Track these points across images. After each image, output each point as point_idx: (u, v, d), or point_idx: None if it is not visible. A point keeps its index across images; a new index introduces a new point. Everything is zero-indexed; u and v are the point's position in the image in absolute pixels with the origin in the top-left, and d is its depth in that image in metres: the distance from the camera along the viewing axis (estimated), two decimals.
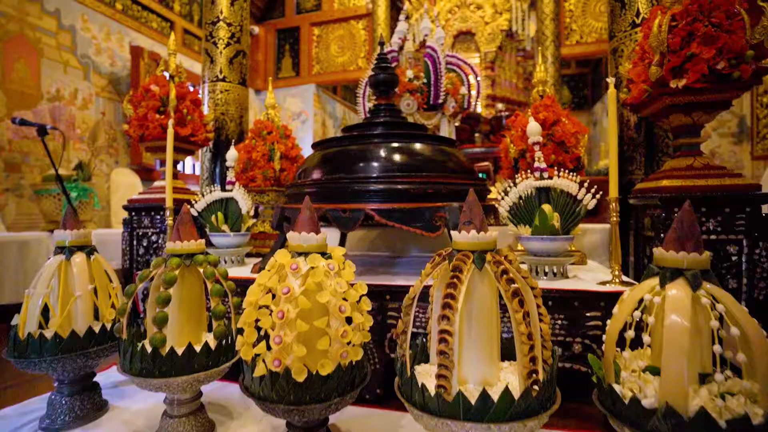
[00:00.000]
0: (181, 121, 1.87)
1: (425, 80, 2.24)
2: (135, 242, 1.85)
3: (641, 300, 0.67)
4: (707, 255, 0.66)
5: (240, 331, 0.76)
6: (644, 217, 1.33)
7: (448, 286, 0.69)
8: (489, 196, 2.13)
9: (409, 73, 2.21)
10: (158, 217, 1.84)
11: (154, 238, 1.83)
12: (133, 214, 1.87)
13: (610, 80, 1.12)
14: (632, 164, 1.61)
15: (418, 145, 1.35)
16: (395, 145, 1.32)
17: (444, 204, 1.23)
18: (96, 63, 3.60)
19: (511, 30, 5.52)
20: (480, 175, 2.15)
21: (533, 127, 1.27)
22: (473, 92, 2.39)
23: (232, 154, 1.65)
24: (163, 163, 1.96)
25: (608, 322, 0.71)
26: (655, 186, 1.23)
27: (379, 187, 1.23)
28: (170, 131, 1.55)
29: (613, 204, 1.10)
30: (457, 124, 2.70)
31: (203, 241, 1.01)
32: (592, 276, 1.23)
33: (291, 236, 0.86)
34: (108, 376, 1.29)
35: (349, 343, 0.76)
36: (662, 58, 1.17)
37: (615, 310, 0.72)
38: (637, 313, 0.69)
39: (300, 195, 1.39)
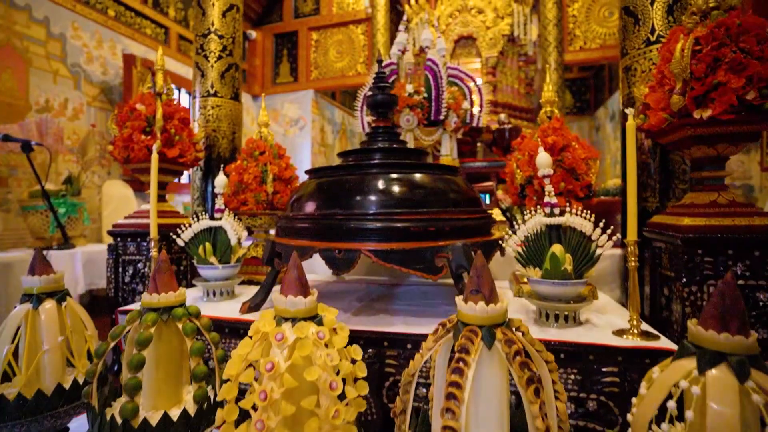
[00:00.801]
0: (169, 141, 1.77)
1: (426, 95, 2.14)
2: (120, 270, 1.75)
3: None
4: (755, 338, 0.56)
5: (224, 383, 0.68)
6: (662, 254, 1.24)
7: (453, 372, 0.59)
8: (495, 217, 2.04)
9: (409, 88, 2.11)
10: (145, 243, 1.75)
11: (140, 266, 1.73)
12: (119, 240, 1.77)
13: (630, 111, 1.02)
14: (646, 191, 1.52)
15: (418, 176, 1.26)
16: (394, 176, 1.22)
17: (446, 243, 1.14)
18: (87, 72, 3.50)
19: (512, 34, 5.42)
20: (483, 196, 2.05)
21: (543, 159, 1.18)
22: (476, 107, 2.29)
23: (220, 180, 1.55)
24: None
25: (633, 401, 0.61)
26: (675, 223, 1.13)
27: (377, 225, 1.13)
28: (154, 157, 1.45)
29: (632, 247, 1.01)
30: (459, 136, 2.60)
31: (183, 291, 0.92)
32: (606, 320, 1.14)
33: (276, 299, 0.76)
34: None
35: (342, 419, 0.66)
36: (685, 86, 1.07)
37: (642, 390, 0.62)
38: (671, 403, 0.59)
39: (292, 230, 1.29)
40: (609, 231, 1.08)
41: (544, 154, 1.18)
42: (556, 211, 1.17)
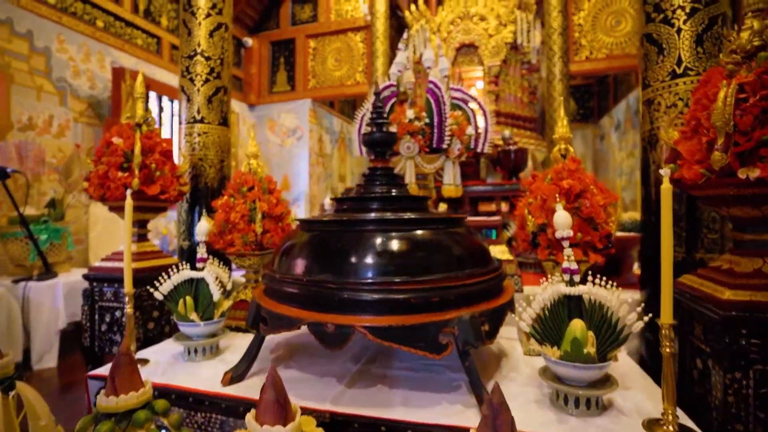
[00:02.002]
0: (149, 178, 1.63)
1: (427, 120, 2.00)
2: (97, 317, 1.61)
3: None
4: None
5: None
6: (694, 321, 1.10)
7: None
8: (498, 256, 1.90)
9: (410, 114, 1.97)
10: (123, 289, 1.60)
11: (118, 314, 1.59)
12: (95, 284, 1.63)
13: (664, 171, 0.88)
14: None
15: (420, 233, 1.11)
16: (393, 235, 1.08)
17: (452, 315, 1.00)
18: (74, 86, 3.36)
19: (515, 42, 5.27)
20: (489, 233, 1.91)
21: (562, 220, 1.04)
22: (481, 133, 2.15)
23: (202, 228, 1.41)
24: None
25: None
26: (713, 294, 0.99)
27: (374, 296, 0.99)
28: (128, 203, 1.31)
29: (666, 330, 0.86)
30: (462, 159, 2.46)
31: (149, 388, 0.78)
32: (632, 402, 0.99)
33: (251, 426, 0.63)
34: None
35: None
36: (728, 141, 0.93)
37: None
38: None
39: (278, 293, 1.15)
40: (639, 308, 0.94)
41: (563, 213, 1.05)
42: (576, 278, 1.03)
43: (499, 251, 1.87)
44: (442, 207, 2.19)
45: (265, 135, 5.53)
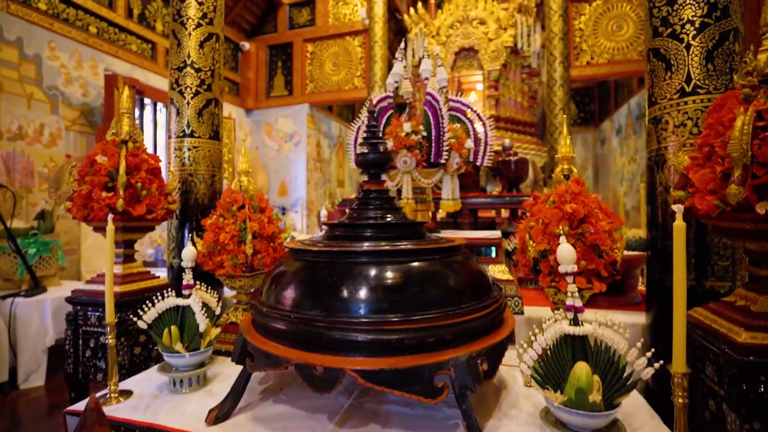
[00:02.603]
0: (134, 197, 1.57)
1: (425, 133, 1.93)
2: (81, 342, 1.55)
3: None
4: None
5: None
6: (705, 358, 1.03)
7: None
8: (498, 276, 1.83)
9: (407, 127, 1.90)
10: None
11: (103, 339, 1.53)
12: (78, 308, 1.56)
13: (678, 209, 0.82)
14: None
15: (415, 266, 1.05)
16: (387, 269, 1.02)
17: (448, 357, 0.93)
18: (66, 94, 3.30)
19: (515, 46, 5.21)
20: (488, 250, 1.85)
21: (566, 254, 0.97)
22: (481, 145, 2.08)
23: (188, 253, 1.35)
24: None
25: None
26: (727, 335, 0.93)
27: (365, 337, 0.93)
28: (110, 229, 1.25)
29: (679, 379, 0.80)
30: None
31: None
32: None
33: None
34: None
35: None
36: (745, 173, 0.86)
37: None
38: None
39: (265, 328, 1.08)
40: (649, 354, 0.87)
41: (566, 247, 0.98)
42: (581, 316, 0.96)
43: (498, 271, 1.81)
44: (442, 213, 2.12)
45: (262, 140, 5.47)
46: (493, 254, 1.85)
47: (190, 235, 1.95)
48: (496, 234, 1.88)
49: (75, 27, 3.43)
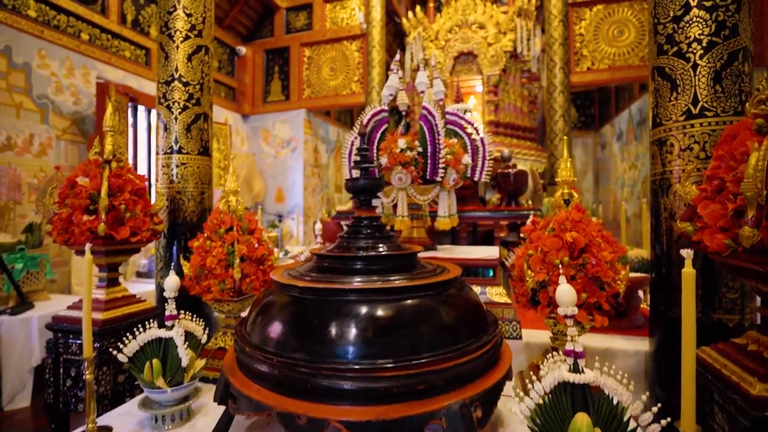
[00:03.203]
0: (118, 220, 1.51)
1: (420, 149, 1.87)
2: (62, 371, 1.49)
3: None
4: None
5: None
6: (715, 404, 0.97)
7: None
8: (495, 299, 1.77)
9: (401, 143, 1.84)
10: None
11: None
12: (59, 335, 1.50)
13: (687, 255, 0.75)
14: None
15: (408, 303, 0.98)
16: (377, 309, 0.95)
17: (440, 405, 0.87)
18: (56, 103, 3.23)
19: (515, 50, 5.14)
20: (486, 272, 1.78)
21: (565, 296, 0.91)
22: (479, 160, 2.02)
23: (170, 283, 1.28)
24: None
25: None
26: (739, 385, 0.86)
27: (353, 385, 0.87)
28: (88, 258, 1.19)
29: None
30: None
31: None
32: None
33: None
34: None
35: None
36: (760, 214, 0.80)
37: None
38: None
39: (248, 368, 1.02)
40: (655, 409, 0.81)
41: (566, 288, 0.92)
42: (581, 362, 0.90)
43: (496, 293, 1.74)
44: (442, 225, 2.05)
45: (259, 146, 5.41)
46: (491, 274, 1.79)
47: (177, 256, 1.89)
48: (494, 255, 1.81)
49: (66, 34, 3.36)
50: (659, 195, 1.32)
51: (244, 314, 1.75)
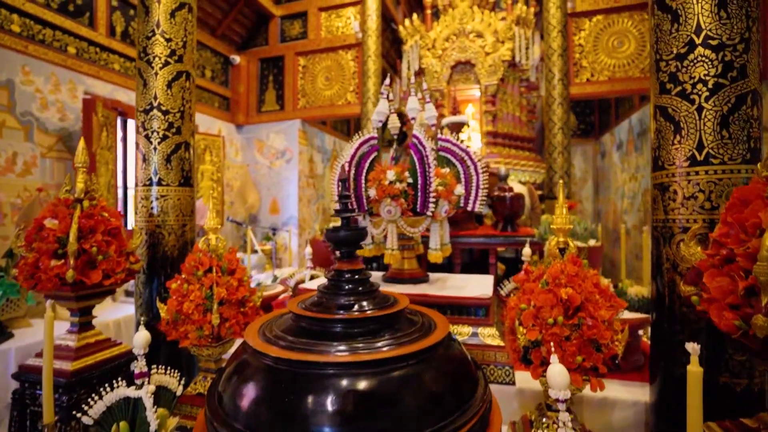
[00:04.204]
0: (89, 264, 1.42)
1: (410, 180, 1.79)
2: (28, 424, 1.41)
3: None
4: None
5: None
6: None
7: None
8: (488, 342, 1.68)
9: (390, 175, 1.76)
10: (57, 394, 1.40)
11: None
12: (26, 385, 1.42)
13: (692, 349, 0.67)
14: (685, 355, 1.16)
15: (394, 376, 0.90)
16: (359, 382, 0.87)
17: None
18: (41, 120, 3.15)
19: (514, 59, 5.05)
20: (479, 311, 1.70)
21: (558, 378, 0.83)
22: (472, 189, 1.93)
23: (139, 340, 1.20)
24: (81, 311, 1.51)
25: None
26: None
27: None
28: (49, 317, 1.11)
29: None
30: None
31: None
32: None
33: None
34: None
35: None
36: None
37: None
38: None
39: None
40: None
41: (559, 369, 0.84)
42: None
43: (488, 335, 1.66)
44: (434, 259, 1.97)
45: (253, 156, 5.32)
46: (483, 314, 1.71)
47: (157, 292, 1.80)
48: (487, 291, 1.73)
49: (52, 48, 3.28)
50: (661, 243, 1.23)
51: (226, 355, 1.68)
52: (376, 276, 2.15)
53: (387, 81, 2.02)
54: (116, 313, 2.78)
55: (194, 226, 1.91)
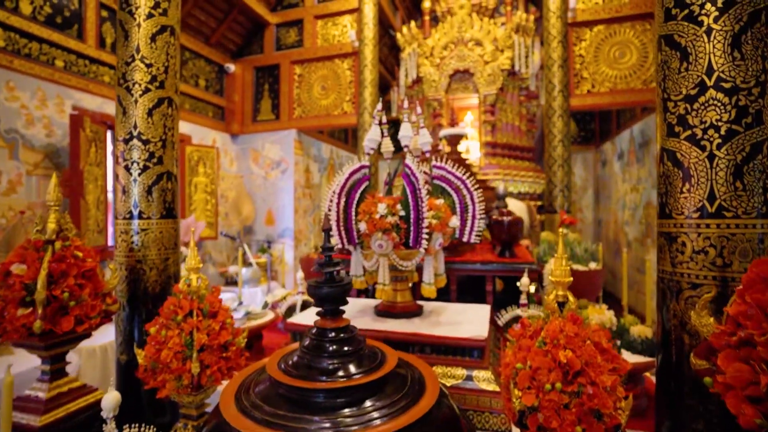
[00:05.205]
0: (60, 310, 1.34)
1: (403, 213, 1.70)
2: None
3: None
4: None
5: None
6: None
7: None
8: (483, 387, 1.60)
9: (381, 209, 1.67)
10: None
11: None
12: None
13: None
14: (696, 421, 1.08)
15: None
16: None
17: None
18: (27, 137, 3.07)
19: (513, 68, 4.97)
20: (474, 352, 1.61)
21: None
22: (468, 220, 1.85)
23: (108, 402, 1.12)
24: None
25: None
26: None
27: None
28: (6, 386, 1.03)
29: None
30: None
31: None
32: None
33: None
34: None
35: None
36: None
37: None
38: None
39: None
40: None
41: None
42: None
43: (483, 379, 1.57)
44: (427, 293, 1.88)
45: (248, 167, 5.24)
46: (478, 356, 1.62)
47: (139, 329, 1.72)
48: (482, 333, 1.64)
49: (39, 62, 3.20)
50: (667, 297, 1.15)
51: (210, 399, 1.59)
52: (367, 306, 2.06)
53: (379, 106, 1.94)
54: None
55: (178, 258, 1.83)
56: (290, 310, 2.70)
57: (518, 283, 2.06)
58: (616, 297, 5.22)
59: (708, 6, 1.06)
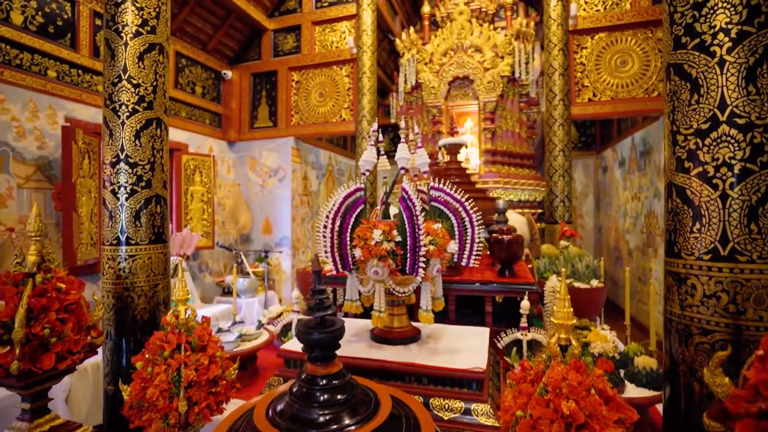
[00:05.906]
0: (40, 348, 1.28)
1: (399, 238, 1.65)
2: None
3: None
4: None
5: None
6: None
7: None
8: (481, 421, 1.54)
9: (377, 235, 1.61)
10: None
11: None
12: None
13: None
14: None
15: None
16: None
17: None
18: (17, 149, 3.01)
19: (513, 75, 4.90)
20: (472, 385, 1.55)
21: None
22: (467, 244, 1.79)
23: None
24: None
25: None
26: None
27: None
28: None
29: None
30: None
31: None
32: None
33: None
34: None
35: None
36: None
37: None
38: None
39: None
40: None
41: None
42: None
43: (481, 413, 1.51)
44: (424, 320, 1.83)
45: (246, 174, 5.18)
46: (476, 388, 1.56)
47: (126, 359, 1.66)
48: (480, 364, 1.58)
49: (30, 73, 3.14)
50: (676, 341, 1.09)
51: None
52: (363, 329, 2.01)
53: (374, 126, 1.88)
54: None
55: (168, 284, 1.77)
56: (285, 329, 2.65)
57: (520, 309, 2.00)
58: (618, 305, 5.15)
59: (721, 36, 1.00)
